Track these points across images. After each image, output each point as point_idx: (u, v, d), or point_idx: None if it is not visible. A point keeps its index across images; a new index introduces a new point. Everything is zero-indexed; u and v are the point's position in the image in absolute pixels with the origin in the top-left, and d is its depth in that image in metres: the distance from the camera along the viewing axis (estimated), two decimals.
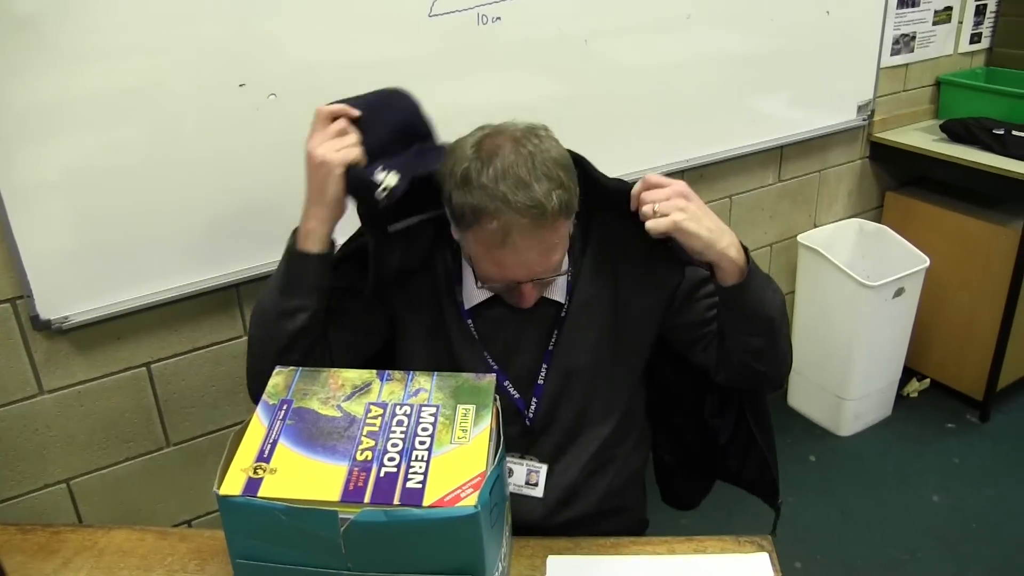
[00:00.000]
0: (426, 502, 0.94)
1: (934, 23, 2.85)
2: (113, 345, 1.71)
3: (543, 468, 1.36)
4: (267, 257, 1.77)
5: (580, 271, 1.32)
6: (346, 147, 1.20)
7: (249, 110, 1.65)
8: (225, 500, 0.95)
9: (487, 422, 1.07)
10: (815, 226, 2.91)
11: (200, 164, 1.65)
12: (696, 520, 2.36)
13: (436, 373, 1.15)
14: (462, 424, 1.06)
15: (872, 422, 2.92)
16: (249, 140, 1.68)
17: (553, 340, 1.33)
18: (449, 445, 1.02)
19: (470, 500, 0.94)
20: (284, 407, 1.08)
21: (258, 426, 1.05)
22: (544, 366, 1.33)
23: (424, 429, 1.05)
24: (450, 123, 1.85)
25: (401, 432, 1.04)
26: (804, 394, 2.96)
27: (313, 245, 1.24)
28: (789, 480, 2.62)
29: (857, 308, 2.65)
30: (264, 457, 1.00)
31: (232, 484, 0.96)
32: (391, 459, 1.00)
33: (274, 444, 1.02)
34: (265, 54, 1.64)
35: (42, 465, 1.73)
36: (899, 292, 2.67)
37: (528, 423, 1.35)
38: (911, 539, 2.41)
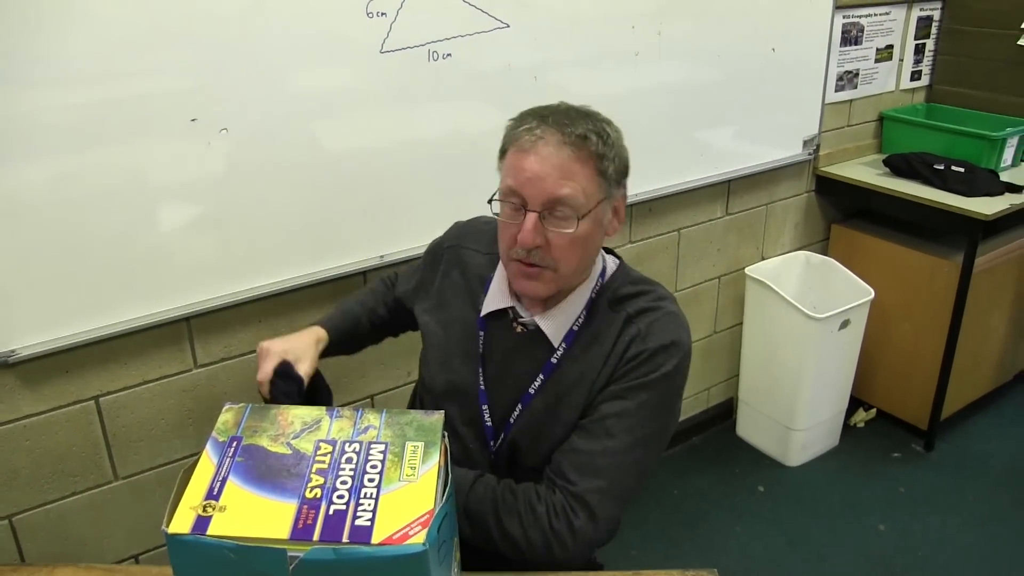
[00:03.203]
0: (375, 540, 0.94)
1: (876, 60, 2.94)
2: (61, 378, 1.69)
3: None
4: (218, 291, 1.77)
5: (579, 334, 1.31)
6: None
7: (200, 145, 1.65)
8: (173, 538, 0.94)
9: (435, 459, 1.07)
10: (762, 258, 2.96)
11: (150, 198, 1.64)
12: (643, 552, 2.39)
13: (386, 410, 1.15)
14: (411, 462, 1.06)
15: (820, 452, 2.96)
16: (200, 174, 1.68)
17: (536, 385, 1.32)
18: (398, 483, 1.02)
19: (418, 538, 0.94)
20: (234, 444, 1.07)
21: (207, 463, 1.04)
22: (519, 407, 1.33)
23: (373, 466, 1.05)
24: (399, 153, 1.89)
25: (350, 469, 1.04)
26: (752, 425, 3.00)
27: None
28: (738, 510, 2.69)
29: (804, 340, 2.70)
30: (213, 495, 0.99)
31: (181, 522, 0.95)
32: (340, 496, 1.00)
33: (224, 481, 1.01)
34: (217, 90, 1.64)
35: None
36: (845, 324, 2.72)
37: (492, 456, 1.36)
38: (858, 568, 2.44)
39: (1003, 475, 2.84)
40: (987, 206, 2.59)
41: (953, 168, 2.73)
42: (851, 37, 2.80)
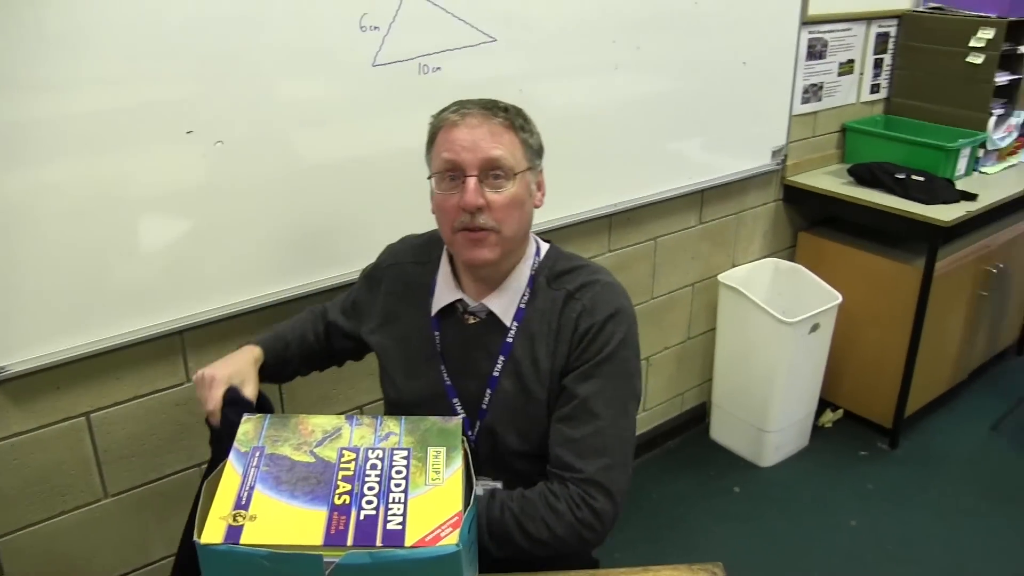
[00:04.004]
0: (408, 542, 0.97)
1: (839, 74, 3.05)
2: (52, 395, 1.67)
3: (499, 485, 1.41)
4: (213, 303, 1.77)
5: (527, 311, 1.39)
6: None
7: (196, 157, 1.66)
8: (206, 548, 0.96)
9: (458, 463, 1.10)
10: (733, 266, 3.04)
11: (145, 210, 1.64)
12: (626, 554, 2.44)
13: (404, 417, 1.18)
14: (435, 466, 1.10)
15: (791, 452, 3.05)
16: (195, 186, 1.69)
17: (499, 367, 1.39)
18: (424, 487, 1.06)
19: (451, 539, 0.97)
20: (257, 454, 1.10)
21: (232, 474, 1.06)
22: (488, 391, 1.39)
23: (398, 472, 1.08)
24: (392, 161, 1.91)
25: (376, 475, 1.07)
26: (726, 428, 3.08)
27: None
28: (715, 511, 2.76)
29: (776, 344, 2.79)
30: (242, 504, 1.01)
31: (212, 532, 0.97)
32: (369, 502, 1.02)
33: (251, 491, 1.03)
34: (213, 102, 1.65)
35: None
36: (815, 327, 2.82)
37: (473, 446, 1.40)
38: (834, 564, 2.53)
39: (963, 470, 2.96)
40: (946, 213, 2.70)
41: (914, 177, 2.85)
42: (816, 52, 2.91)
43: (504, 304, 1.39)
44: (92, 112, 1.53)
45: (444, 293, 1.44)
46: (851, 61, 3.07)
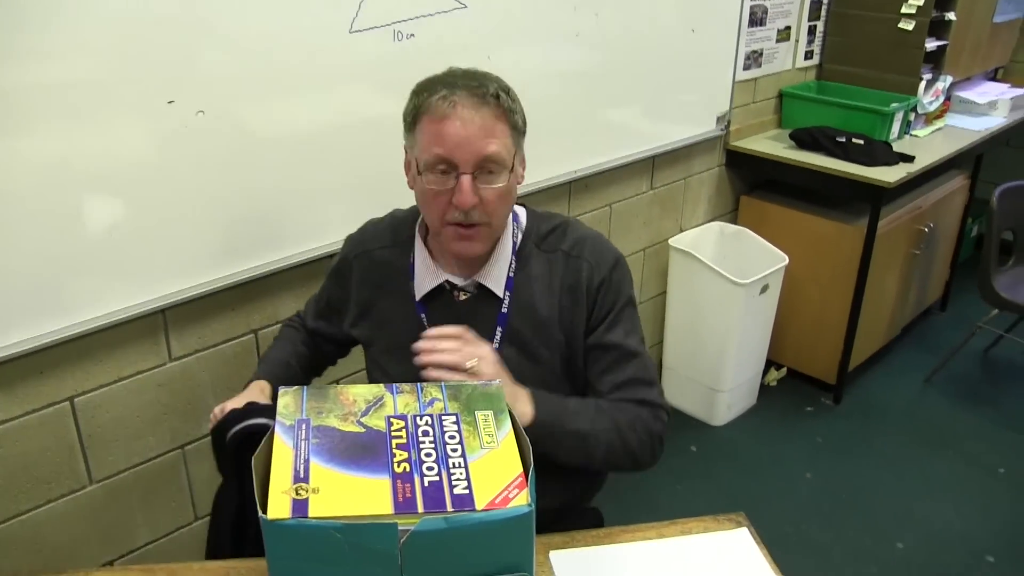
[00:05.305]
0: (479, 506, 0.96)
1: (777, 40, 3.12)
2: (35, 380, 1.59)
3: None
4: (195, 279, 1.72)
5: (516, 279, 1.39)
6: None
7: (176, 127, 1.60)
8: (273, 524, 0.92)
9: (508, 425, 1.10)
10: (681, 230, 3.10)
11: (124, 182, 1.57)
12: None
13: (443, 383, 1.17)
14: (486, 430, 1.09)
15: (741, 411, 3.14)
16: (177, 157, 1.62)
17: (498, 338, 1.39)
18: (481, 450, 1.05)
19: (521, 499, 0.97)
20: (303, 426, 1.07)
21: (283, 447, 1.03)
22: None
23: (451, 437, 1.07)
24: (369, 128, 1.88)
25: (430, 442, 1.06)
26: (679, 389, 3.14)
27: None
28: (675, 471, 2.83)
29: (728, 305, 2.86)
30: (302, 478, 0.98)
31: (278, 508, 0.94)
32: (430, 468, 1.01)
33: (307, 463, 1.00)
34: (192, 72, 1.59)
35: None
36: (764, 288, 2.90)
37: None
38: (793, 514, 2.63)
39: (903, 421, 3.10)
40: (888, 175, 2.81)
41: (854, 140, 2.94)
42: (757, 19, 2.97)
43: (495, 277, 1.39)
44: (66, 82, 1.45)
45: (426, 277, 1.41)
46: (788, 28, 3.15)
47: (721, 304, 2.88)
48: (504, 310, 1.39)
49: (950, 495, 2.71)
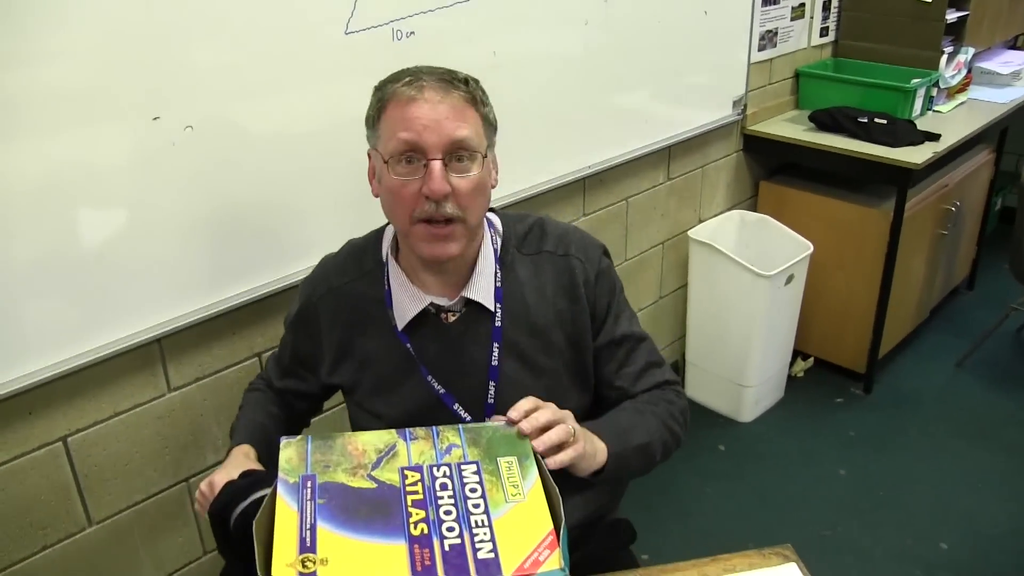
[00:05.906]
0: (506, 573, 0.86)
1: (792, 19, 2.99)
2: (24, 422, 1.49)
3: None
4: (191, 304, 1.61)
5: (504, 288, 1.30)
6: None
7: (164, 145, 1.49)
8: None
9: (534, 473, 1.00)
10: (700, 221, 2.98)
11: (112, 204, 1.47)
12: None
13: (461, 426, 1.07)
14: (511, 479, 0.98)
15: (769, 405, 3.03)
16: (165, 176, 1.51)
17: (496, 354, 1.28)
18: (505, 504, 0.95)
19: (553, 562, 0.87)
20: (308, 484, 0.96)
21: (286, 511, 0.92)
22: (492, 383, 1.29)
23: (472, 490, 0.96)
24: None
25: (449, 497, 0.95)
26: (703, 385, 3.03)
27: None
28: (704, 472, 2.72)
29: (752, 297, 2.74)
30: (308, 547, 0.88)
31: None
32: (450, 529, 0.91)
33: (313, 530, 0.90)
34: (180, 85, 1.48)
35: None
36: (790, 279, 2.78)
37: None
38: (829, 514, 2.51)
39: (937, 409, 2.98)
40: (914, 155, 2.68)
41: (876, 120, 2.81)
42: None
43: (484, 289, 1.28)
44: (53, 93, 1.34)
45: (407, 303, 1.28)
46: (802, 5, 3.01)
47: (745, 297, 2.76)
48: (498, 323, 1.28)
49: (992, 488, 2.60)
